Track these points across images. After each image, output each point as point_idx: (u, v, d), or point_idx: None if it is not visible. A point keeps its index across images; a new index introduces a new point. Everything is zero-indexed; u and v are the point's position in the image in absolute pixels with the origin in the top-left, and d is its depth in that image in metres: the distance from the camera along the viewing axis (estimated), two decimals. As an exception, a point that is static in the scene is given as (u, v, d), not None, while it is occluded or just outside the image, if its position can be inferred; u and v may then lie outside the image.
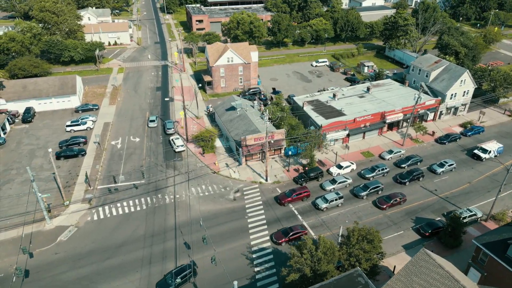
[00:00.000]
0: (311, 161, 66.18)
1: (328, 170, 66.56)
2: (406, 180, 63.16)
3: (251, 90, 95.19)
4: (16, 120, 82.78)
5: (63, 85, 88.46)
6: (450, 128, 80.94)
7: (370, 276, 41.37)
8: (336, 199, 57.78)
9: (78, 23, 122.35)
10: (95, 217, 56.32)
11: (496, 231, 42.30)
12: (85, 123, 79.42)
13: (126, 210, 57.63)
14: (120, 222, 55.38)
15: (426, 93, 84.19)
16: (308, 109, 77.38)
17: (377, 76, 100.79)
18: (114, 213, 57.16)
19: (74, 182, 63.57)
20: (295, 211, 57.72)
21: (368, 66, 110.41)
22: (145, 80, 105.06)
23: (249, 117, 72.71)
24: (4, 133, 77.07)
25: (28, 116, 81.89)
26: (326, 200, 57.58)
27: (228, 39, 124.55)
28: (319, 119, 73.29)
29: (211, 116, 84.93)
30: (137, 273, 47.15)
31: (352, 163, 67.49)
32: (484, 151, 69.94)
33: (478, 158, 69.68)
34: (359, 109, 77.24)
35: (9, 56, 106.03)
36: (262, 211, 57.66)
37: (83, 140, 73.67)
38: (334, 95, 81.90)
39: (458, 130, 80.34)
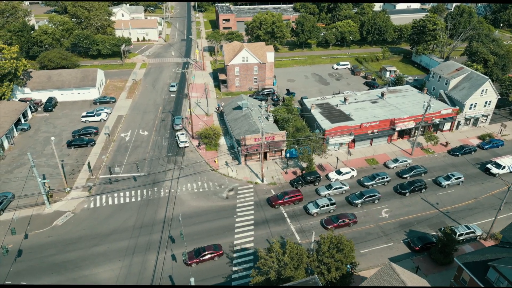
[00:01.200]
0: (309, 164, 65.15)
1: (327, 175, 65.25)
2: (407, 191, 60.65)
3: (264, 90, 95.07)
4: (39, 109, 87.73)
5: (84, 78, 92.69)
6: (467, 140, 76.71)
7: (341, 286, 40.22)
8: (327, 205, 56.55)
9: (109, 19, 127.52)
10: (92, 205, 58.66)
11: (481, 251, 39.78)
12: (100, 114, 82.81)
13: (122, 201, 59.55)
14: (114, 212, 57.31)
15: (443, 101, 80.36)
16: (315, 112, 76.20)
17: (397, 81, 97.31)
18: (110, 202, 59.25)
19: (79, 170, 66.54)
20: (285, 214, 57.12)
21: (390, 71, 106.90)
22: (165, 76, 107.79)
23: (253, 117, 72.70)
24: (26, 120, 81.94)
25: (49, 105, 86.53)
26: (317, 206, 56.53)
27: (245, 39, 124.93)
28: (325, 123, 71.98)
29: (221, 114, 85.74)
30: (119, 262, 48.63)
31: (353, 170, 65.72)
32: (498, 166, 65.72)
33: (491, 173, 65.56)
34: (369, 114, 75.01)
35: (42, 48, 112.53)
36: (252, 212, 57.54)
37: (95, 130, 76.84)
38: (345, 99, 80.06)
39: (476, 142, 75.97)
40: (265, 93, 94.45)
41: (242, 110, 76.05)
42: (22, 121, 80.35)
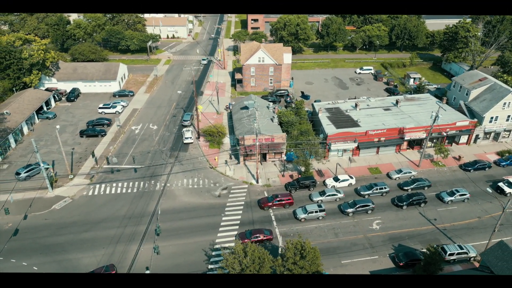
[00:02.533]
0: (306, 169, 64.10)
1: (324, 181, 63.89)
2: (404, 204, 58.05)
3: (278, 92, 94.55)
4: (62, 98, 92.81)
5: (106, 71, 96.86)
6: (483, 155, 72.04)
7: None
8: (316, 211, 55.40)
9: (141, 16, 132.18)
10: (90, 193, 61.32)
11: (455, 273, 37.28)
12: (115, 107, 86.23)
13: (118, 191, 61.74)
14: (109, 201, 59.57)
15: (462, 112, 75.95)
16: (323, 116, 74.74)
17: (418, 89, 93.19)
18: (107, 191, 61.62)
19: (86, 159, 69.73)
20: (273, 217, 56.68)
21: (414, 78, 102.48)
22: (185, 73, 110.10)
23: (257, 118, 72.50)
24: (48, 108, 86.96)
25: (72, 95, 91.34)
26: (305, 211, 55.57)
27: (270, 39, 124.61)
28: (329, 128, 70.48)
29: (231, 113, 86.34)
30: (102, 249, 50.52)
31: (351, 177, 63.86)
32: (510, 185, 61.18)
33: (502, 192, 61.21)
34: (378, 122, 72.50)
35: (75, 42, 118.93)
36: (240, 212, 57.59)
37: (107, 122, 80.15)
38: (356, 105, 77.89)
39: (494, 158, 71.15)
40: (279, 94, 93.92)
41: (248, 110, 76.19)
42: (45, 109, 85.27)
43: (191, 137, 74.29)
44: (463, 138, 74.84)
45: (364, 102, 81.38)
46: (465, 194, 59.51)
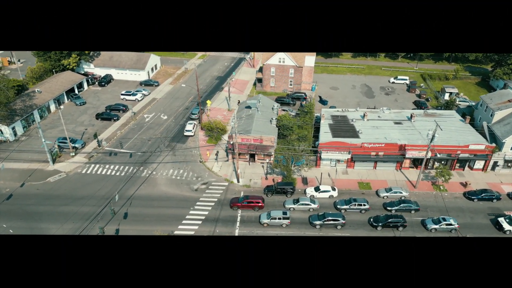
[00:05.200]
0: (288, 174, 62.49)
1: (305, 190, 61.79)
2: (379, 225, 54.03)
3: (295, 94, 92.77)
4: (96, 83, 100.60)
5: (138, 61, 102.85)
6: (498, 185, 64.04)
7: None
8: (280, 218, 53.95)
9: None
10: (84, 171, 66.17)
11: None
12: (136, 94, 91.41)
13: (108, 172, 65.74)
14: (96, 180, 63.74)
15: (483, 135, 68.19)
16: (324, 123, 72.08)
17: (447, 105, 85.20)
18: (98, 172, 65.94)
19: (93, 140, 75.17)
20: (238, 217, 56.38)
21: (450, 92, 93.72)
22: (214, 69, 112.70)
23: (255, 118, 72.28)
24: (80, 91, 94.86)
25: (104, 81, 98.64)
26: (269, 216, 54.41)
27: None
28: (325, 136, 67.82)
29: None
30: (72, 224, 54.42)
31: (334, 189, 60.87)
32: (512, 222, 53.84)
33: (500, 228, 54.06)
34: (381, 135, 68.03)
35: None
36: (209, 208, 58.12)
37: (123, 108, 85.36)
38: (364, 115, 73.81)
39: (509, 190, 62.91)
40: (296, 97, 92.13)
41: (250, 109, 76.13)
42: (76, 91, 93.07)
43: (191, 130, 76.25)
44: (479, 164, 67.15)
45: (376, 113, 76.76)
46: (452, 225, 53.62)
